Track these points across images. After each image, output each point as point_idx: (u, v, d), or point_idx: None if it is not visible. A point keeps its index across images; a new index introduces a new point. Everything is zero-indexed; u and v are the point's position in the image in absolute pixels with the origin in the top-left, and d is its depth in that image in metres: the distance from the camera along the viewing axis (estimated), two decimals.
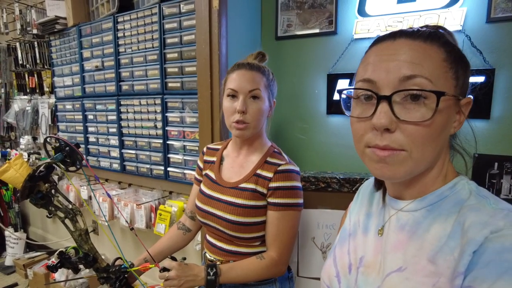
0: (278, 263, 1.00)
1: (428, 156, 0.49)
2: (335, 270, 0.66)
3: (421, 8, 1.37)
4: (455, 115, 0.52)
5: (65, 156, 0.88)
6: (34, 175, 0.86)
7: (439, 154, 0.52)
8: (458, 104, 0.51)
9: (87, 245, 0.93)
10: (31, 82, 2.91)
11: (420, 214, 0.54)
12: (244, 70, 1.01)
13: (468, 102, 0.52)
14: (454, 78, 0.50)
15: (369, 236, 0.62)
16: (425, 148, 0.48)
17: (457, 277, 0.45)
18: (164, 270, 0.97)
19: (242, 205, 1.00)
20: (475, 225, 0.46)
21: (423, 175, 0.53)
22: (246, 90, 0.99)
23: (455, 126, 0.52)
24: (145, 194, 2.07)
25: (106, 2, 2.14)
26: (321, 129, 1.67)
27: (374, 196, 0.67)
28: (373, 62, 0.51)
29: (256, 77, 1.00)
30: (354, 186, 1.35)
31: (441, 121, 0.48)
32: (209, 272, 0.97)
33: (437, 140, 0.49)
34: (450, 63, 0.49)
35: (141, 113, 2.02)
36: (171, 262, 0.98)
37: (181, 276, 0.95)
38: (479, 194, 0.51)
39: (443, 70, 0.49)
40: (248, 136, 1.03)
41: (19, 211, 3.27)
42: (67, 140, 0.87)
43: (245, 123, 0.99)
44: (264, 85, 1.01)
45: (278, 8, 1.71)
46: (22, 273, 2.80)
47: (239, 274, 0.99)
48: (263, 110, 1.01)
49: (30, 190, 0.87)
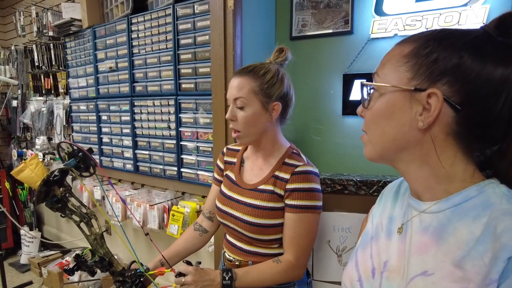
0: (296, 267, 0.98)
1: (379, 140, 0.56)
2: (357, 274, 0.64)
3: (441, 6, 1.33)
4: (417, 108, 0.50)
5: (78, 162, 0.87)
6: (49, 180, 0.85)
7: (404, 145, 0.53)
8: (420, 96, 0.49)
9: (103, 249, 0.91)
10: (46, 84, 2.96)
11: (444, 215, 0.52)
12: (234, 77, 1.00)
13: (432, 93, 0.48)
14: (409, 70, 0.51)
15: (392, 239, 0.60)
16: (372, 132, 0.57)
17: (489, 284, 0.43)
18: (180, 275, 0.96)
19: (261, 206, 0.99)
20: (510, 231, 0.44)
21: (409, 167, 0.55)
22: (232, 98, 0.98)
23: (422, 120, 0.49)
24: (158, 195, 2.07)
25: (120, 3, 2.16)
26: (337, 130, 1.64)
27: (397, 199, 0.66)
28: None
29: (243, 83, 0.97)
30: (372, 188, 1.32)
31: (380, 108, 0.54)
32: (224, 277, 0.95)
33: (382, 125, 0.54)
34: (411, 57, 0.51)
35: (155, 114, 2.03)
36: (187, 267, 0.97)
37: (197, 281, 0.94)
38: (511, 198, 0.48)
39: (397, 65, 0.53)
40: (246, 143, 1.04)
41: (34, 211, 3.33)
42: (81, 146, 0.86)
43: (237, 131, 0.99)
44: (252, 90, 0.96)
45: (292, 8, 1.70)
46: (37, 272, 2.84)
47: (255, 278, 0.98)
48: (250, 117, 0.97)
49: (45, 194, 0.87)
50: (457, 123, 0.49)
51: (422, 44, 0.51)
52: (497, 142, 0.50)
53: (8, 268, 3.00)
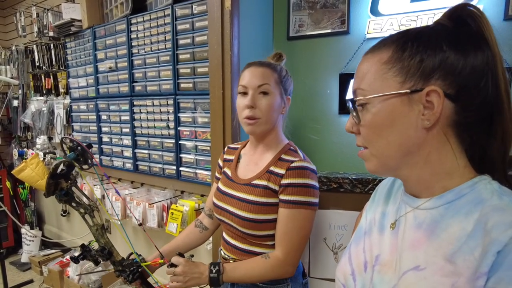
0: (284, 264, 0.97)
1: (384, 150, 0.55)
2: (350, 268, 0.65)
3: (435, 7, 1.35)
4: (418, 108, 0.51)
5: (77, 155, 0.94)
6: (56, 173, 0.92)
7: (409, 149, 0.53)
8: (418, 96, 0.50)
9: (103, 239, 0.98)
10: (47, 84, 2.98)
11: (437, 212, 0.53)
12: (254, 67, 1.02)
13: (432, 91, 0.49)
14: (397, 75, 0.51)
15: (385, 234, 0.61)
16: (375, 144, 0.55)
17: (479, 278, 0.44)
18: (172, 266, 0.98)
19: (254, 201, 0.99)
20: (499, 225, 0.45)
21: (413, 170, 0.55)
22: (255, 85, 0.99)
23: (427, 119, 0.50)
24: (157, 194, 2.09)
25: (120, 4, 2.18)
26: (333, 129, 1.66)
27: (390, 195, 0.67)
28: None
29: (265, 72, 1.00)
30: (367, 186, 1.34)
31: (379, 119, 0.53)
32: (211, 270, 0.97)
33: (386, 135, 0.53)
34: (393, 62, 0.52)
35: (154, 113, 2.05)
36: (178, 258, 0.99)
37: (187, 272, 0.96)
38: (502, 194, 0.50)
39: (381, 73, 0.53)
40: (259, 132, 1.02)
41: (35, 209, 3.35)
42: (79, 141, 0.94)
43: (255, 118, 0.99)
44: (275, 80, 1.01)
45: (290, 8, 1.71)
46: (38, 270, 2.86)
47: (243, 273, 0.98)
48: (274, 105, 1.00)
49: (54, 187, 0.94)
50: (456, 113, 0.51)
51: (399, 48, 0.52)
52: (487, 124, 0.52)
53: (9, 266, 3.02)
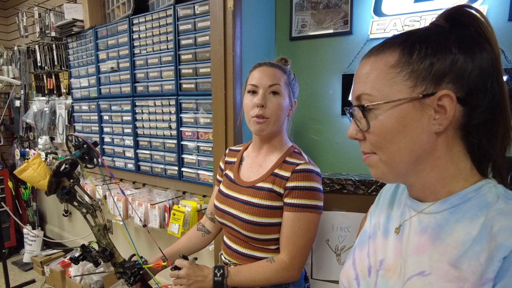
0: (289, 268, 0.96)
1: (396, 157, 0.53)
2: (354, 272, 0.65)
3: (439, 7, 1.34)
4: (429, 112, 0.50)
5: (83, 154, 0.92)
6: (59, 171, 0.90)
7: (420, 154, 0.52)
8: (429, 101, 0.50)
9: (105, 240, 0.96)
10: (49, 84, 2.98)
11: (442, 216, 0.52)
12: (265, 67, 1.02)
13: (444, 95, 0.49)
14: (407, 79, 0.50)
15: (389, 238, 0.61)
16: (385, 151, 0.54)
17: (485, 283, 0.44)
18: (176, 269, 0.98)
19: (258, 204, 0.98)
20: (505, 230, 0.45)
21: (420, 176, 0.54)
22: (266, 84, 0.99)
23: (439, 123, 0.50)
24: (159, 194, 2.09)
25: (121, 4, 2.17)
26: (336, 130, 1.65)
27: (395, 199, 0.66)
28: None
29: (276, 73, 1.01)
30: (370, 188, 1.33)
31: (390, 124, 0.51)
32: (216, 273, 0.96)
33: (397, 141, 0.52)
34: (402, 66, 0.51)
35: (156, 114, 2.05)
36: (182, 261, 0.98)
37: (190, 275, 0.95)
38: (508, 197, 0.49)
39: (389, 77, 0.51)
40: (267, 133, 1.01)
41: (37, 210, 3.36)
42: (85, 138, 0.92)
43: (265, 117, 0.98)
44: (284, 82, 1.01)
45: (292, 8, 1.71)
46: (40, 270, 2.86)
47: (247, 277, 0.97)
48: (283, 106, 1.00)
49: (56, 186, 0.92)
50: (464, 115, 0.51)
51: (406, 51, 0.51)
52: (491, 125, 0.51)
53: (11, 266, 3.03)
